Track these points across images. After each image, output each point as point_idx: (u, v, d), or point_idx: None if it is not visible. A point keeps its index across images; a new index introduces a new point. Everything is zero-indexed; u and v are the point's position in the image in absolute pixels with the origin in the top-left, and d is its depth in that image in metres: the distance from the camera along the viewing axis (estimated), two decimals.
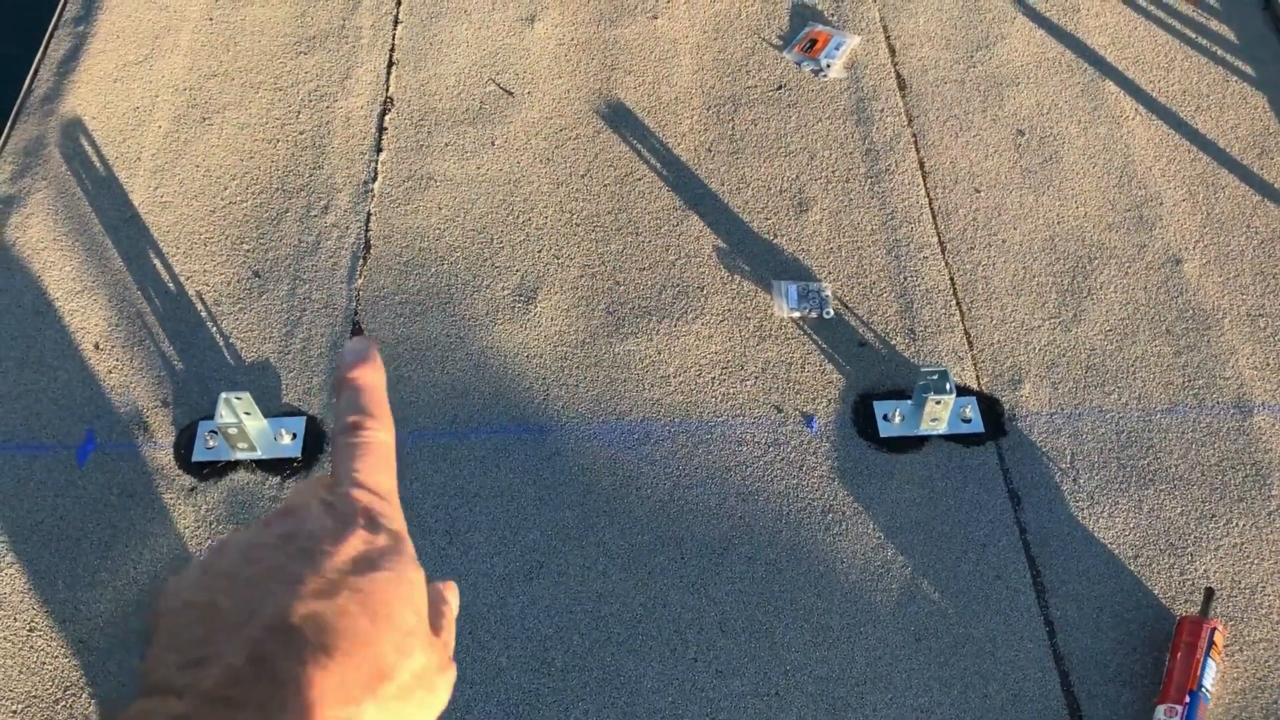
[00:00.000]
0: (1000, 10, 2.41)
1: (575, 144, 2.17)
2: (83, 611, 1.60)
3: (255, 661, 0.39)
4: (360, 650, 0.41)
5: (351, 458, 0.48)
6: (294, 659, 0.39)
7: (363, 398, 0.50)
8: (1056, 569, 1.64)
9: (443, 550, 1.65)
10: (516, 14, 2.41)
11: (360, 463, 0.48)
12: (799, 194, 2.09)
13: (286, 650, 0.39)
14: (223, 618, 0.41)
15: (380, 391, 0.51)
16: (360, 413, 0.49)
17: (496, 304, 1.94)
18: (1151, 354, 1.87)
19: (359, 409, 0.50)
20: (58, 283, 1.96)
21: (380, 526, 0.45)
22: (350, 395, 0.50)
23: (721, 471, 1.74)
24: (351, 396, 0.50)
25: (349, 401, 0.50)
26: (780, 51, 2.33)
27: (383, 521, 0.46)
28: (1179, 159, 2.14)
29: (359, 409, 0.50)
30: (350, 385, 0.50)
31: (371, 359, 0.51)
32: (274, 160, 2.15)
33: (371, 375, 0.51)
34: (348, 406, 0.50)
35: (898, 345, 1.88)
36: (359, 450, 0.48)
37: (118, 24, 2.41)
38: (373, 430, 0.49)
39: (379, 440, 0.49)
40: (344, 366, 0.51)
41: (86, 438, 1.77)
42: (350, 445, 0.48)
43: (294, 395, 1.82)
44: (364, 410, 0.50)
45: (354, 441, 0.49)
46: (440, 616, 0.48)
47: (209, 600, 0.42)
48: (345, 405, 0.50)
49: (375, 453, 0.49)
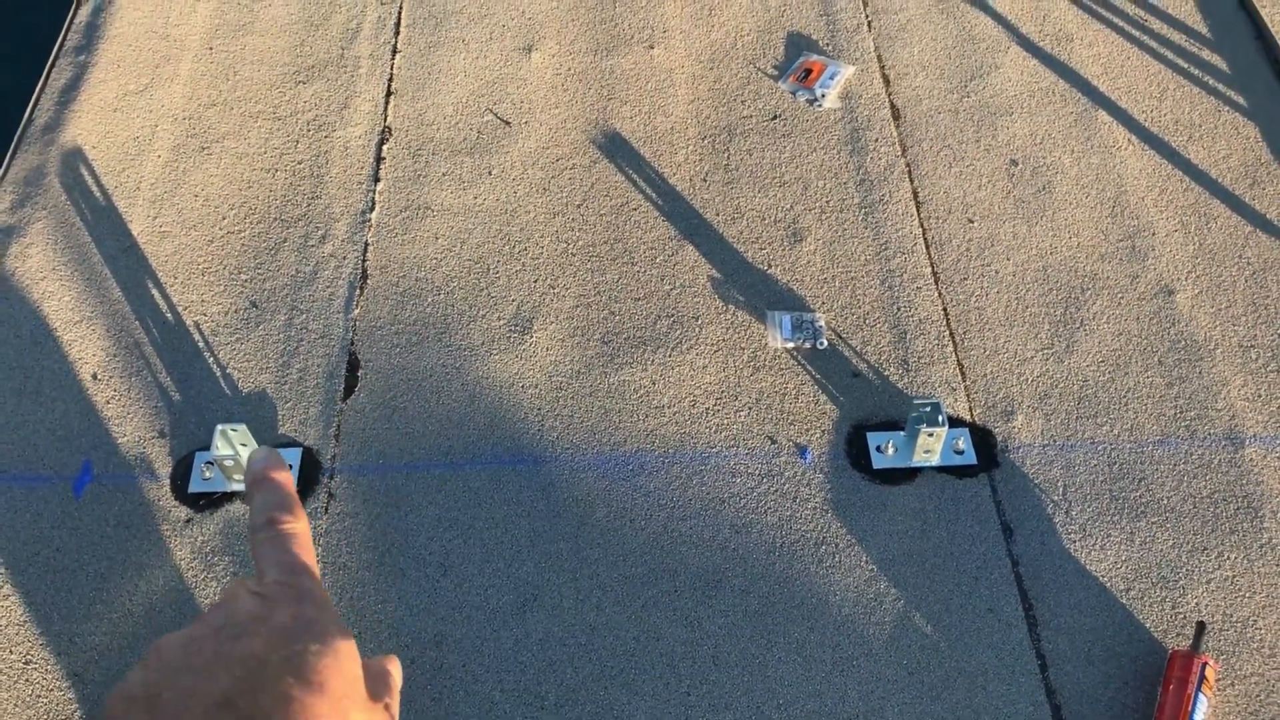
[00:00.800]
0: (994, 40, 2.43)
1: (571, 174, 2.19)
2: (78, 644, 1.61)
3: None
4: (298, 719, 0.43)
5: (273, 549, 0.53)
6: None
7: (275, 494, 0.56)
8: (1049, 602, 1.64)
9: (436, 583, 1.66)
10: (514, 44, 2.43)
11: (283, 553, 0.53)
12: (793, 224, 2.10)
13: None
14: (165, 708, 0.43)
15: (290, 488, 0.57)
16: (275, 509, 0.55)
17: (492, 334, 1.95)
18: (1144, 385, 1.88)
19: (273, 505, 0.55)
20: (56, 312, 1.98)
21: (305, 600, 0.49)
22: (264, 494, 0.56)
23: (715, 503, 1.75)
24: (266, 495, 0.56)
25: (263, 500, 0.56)
26: (775, 81, 2.35)
27: (307, 596, 0.50)
28: (1171, 189, 2.16)
29: (273, 505, 0.55)
30: (263, 484, 0.56)
31: (277, 462, 0.58)
32: (272, 190, 2.17)
33: (282, 475, 0.57)
34: (262, 504, 0.56)
35: (891, 376, 1.89)
36: (278, 541, 0.53)
37: (118, 53, 2.43)
38: (289, 523, 0.54)
39: (296, 530, 0.55)
40: (254, 470, 0.58)
41: (83, 469, 1.78)
42: (270, 539, 0.54)
43: (290, 426, 1.83)
44: (279, 506, 0.55)
45: (273, 534, 0.54)
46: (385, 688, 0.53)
47: (154, 694, 0.44)
48: (260, 503, 0.56)
49: (294, 540, 0.54)
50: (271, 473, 0.56)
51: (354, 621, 1.62)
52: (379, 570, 1.68)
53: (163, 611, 1.64)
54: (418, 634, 1.62)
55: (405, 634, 1.61)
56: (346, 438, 1.82)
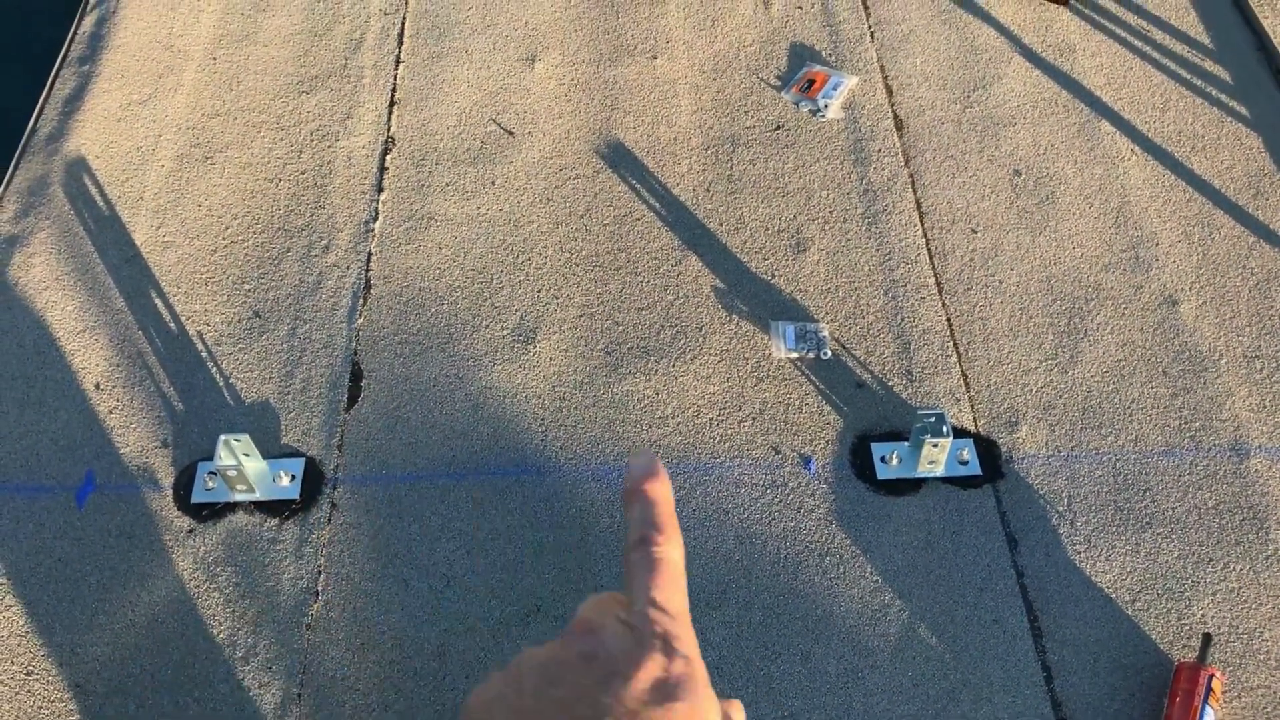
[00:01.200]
0: (997, 51, 2.43)
1: (575, 184, 2.19)
2: (80, 655, 1.61)
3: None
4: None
5: (645, 574, 0.49)
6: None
7: (653, 511, 0.51)
8: (1054, 613, 1.64)
9: (440, 594, 1.66)
10: (517, 55, 2.43)
11: (654, 580, 0.49)
12: (797, 234, 2.10)
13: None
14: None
15: (669, 505, 0.52)
16: (651, 527, 0.51)
17: (496, 344, 1.95)
18: (1148, 396, 1.87)
19: (650, 523, 0.51)
20: (59, 322, 1.98)
21: (675, 652, 0.46)
22: (641, 508, 0.52)
23: (719, 514, 1.74)
24: (642, 510, 0.52)
25: (640, 515, 0.51)
26: (778, 92, 2.35)
27: (677, 646, 0.47)
28: (1175, 199, 2.16)
29: (650, 523, 0.51)
30: (640, 497, 0.52)
31: (659, 473, 0.53)
32: (276, 199, 2.17)
33: (660, 489, 0.52)
34: (639, 520, 0.51)
35: (895, 386, 1.89)
36: (652, 567, 0.50)
37: (122, 63, 2.43)
38: (663, 546, 0.50)
39: (670, 557, 0.51)
40: (633, 479, 0.53)
41: (86, 479, 1.78)
42: (643, 561, 0.50)
43: (293, 436, 1.83)
44: (655, 525, 0.51)
45: (647, 557, 0.50)
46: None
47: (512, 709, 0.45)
48: (636, 519, 0.52)
49: (667, 570, 0.50)
50: (647, 485, 0.52)
51: (357, 633, 1.62)
52: (382, 581, 1.67)
53: (165, 623, 1.63)
54: (421, 645, 1.61)
55: (409, 645, 1.61)
56: (350, 448, 1.81)
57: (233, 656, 1.60)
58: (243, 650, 1.61)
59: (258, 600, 1.66)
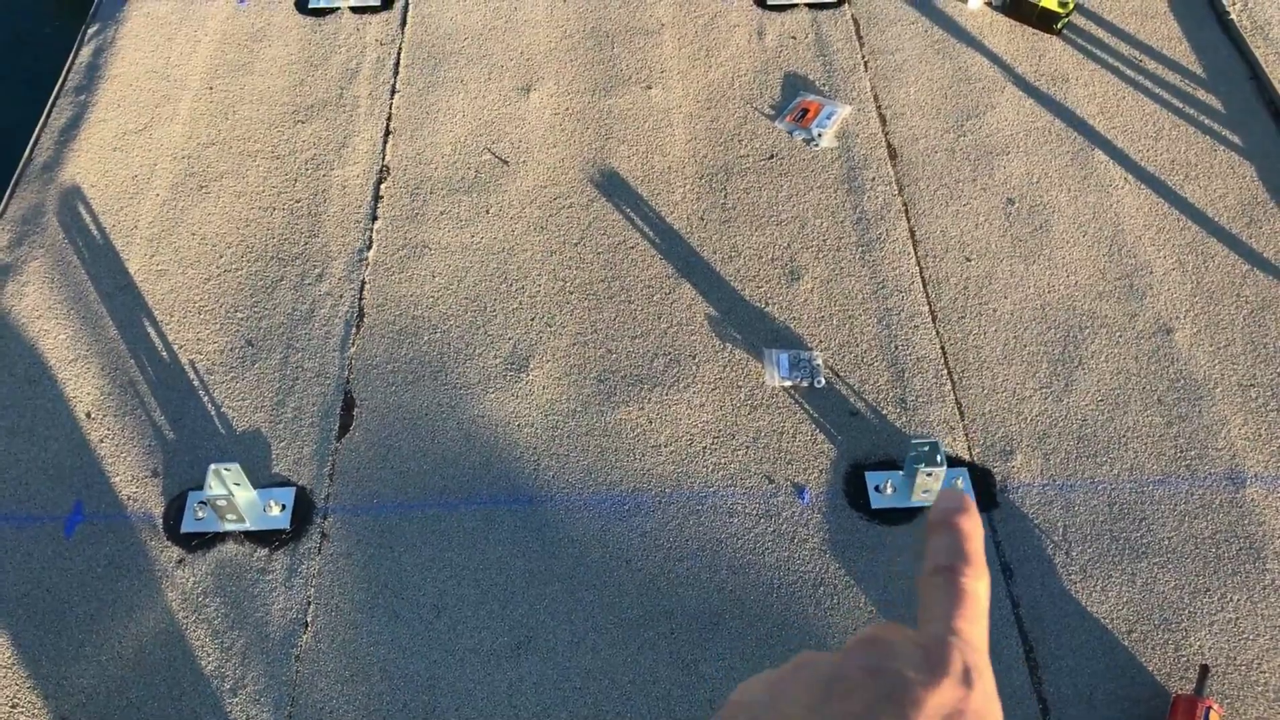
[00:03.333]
0: (989, 80, 2.44)
1: (569, 212, 2.19)
2: (66, 687, 1.59)
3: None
4: None
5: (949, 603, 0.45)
6: None
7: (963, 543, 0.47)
8: (1050, 644, 1.62)
9: (430, 625, 1.64)
10: (512, 84, 2.44)
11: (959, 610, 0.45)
12: (790, 262, 2.10)
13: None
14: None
15: (979, 542, 0.48)
16: (959, 558, 0.47)
17: (488, 372, 1.94)
18: (1143, 424, 1.87)
19: (958, 553, 0.47)
20: (52, 351, 1.97)
21: (974, 684, 0.42)
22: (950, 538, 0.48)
23: (712, 543, 1.73)
24: (951, 539, 0.48)
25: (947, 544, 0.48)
26: (772, 121, 2.36)
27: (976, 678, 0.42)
28: (1168, 228, 2.16)
29: (958, 553, 0.47)
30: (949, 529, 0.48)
31: (970, 509, 0.49)
32: (270, 228, 2.17)
33: (972, 524, 0.48)
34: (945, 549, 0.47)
35: (889, 415, 1.88)
36: (956, 597, 0.46)
37: (119, 92, 2.44)
38: (971, 579, 0.46)
39: (977, 591, 0.46)
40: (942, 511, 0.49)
41: (74, 509, 1.76)
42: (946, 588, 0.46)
43: (284, 465, 1.82)
44: (963, 556, 0.47)
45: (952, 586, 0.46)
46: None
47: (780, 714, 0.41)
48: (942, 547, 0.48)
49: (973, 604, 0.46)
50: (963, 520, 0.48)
51: (347, 664, 1.60)
52: (371, 612, 1.66)
53: (153, 654, 1.62)
54: (410, 677, 1.59)
55: (397, 676, 1.59)
56: (340, 477, 1.80)
57: (221, 688, 1.59)
58: (231, 682, 1.59)
59: (246, 631, 1.64)
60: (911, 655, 0.42)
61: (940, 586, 0.46)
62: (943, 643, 0.43)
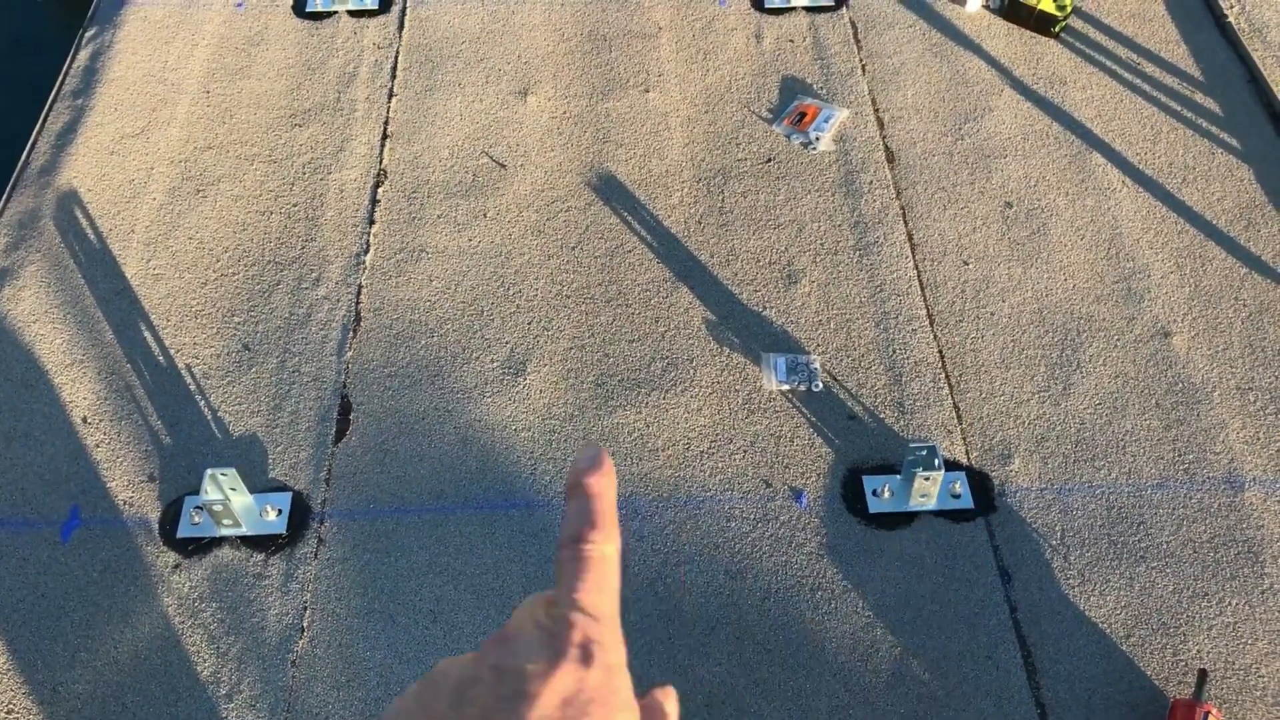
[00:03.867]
0: (987, 84, 2.44)
1: (567, 216, 2.19)
2: (61, 693, 1.58)
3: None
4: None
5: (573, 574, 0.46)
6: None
7: (591, 506, 0.48)
8: (1048, 648, 1.62)
9: (426, 630, 1.64)
10: (510, 88, 2.44)
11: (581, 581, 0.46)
12: (788, 266, 2.10)
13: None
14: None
15: (610, 501, 0.49)
16: (586, 523, 0.48)
17: (486, 376, 1.94)
18: (1141, 428, 1.86)
19: (586, 519, 0.48)
20: (48, 355, 1.97)
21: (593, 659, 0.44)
22: (578, 504, 0.48)
23: (710, 548, 1.73)
24: (579, 505, 0.48)
25: (576, 511, 0.48)
26: (770, 124, 2.36)
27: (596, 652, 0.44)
28: (1166, 231, 2.16)
29: (586, 519, 0.48)
30: (580, 492, 0.49)
31: (604, 466, 0.49)
32: (267, 232, 2.17)
33: (602, 483, 0.49)
34: (574, 516, 0.48)
35: (886, 418, 1.88)
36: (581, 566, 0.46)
37: (116, 97, 2.44)
38: (596, 544, 0.47)
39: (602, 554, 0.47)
40: (576, 472, 0.49)
41: (71, 514, 1.76)
42: (572, 560, 0.47)
43: (280, 470, 1.81)
44: (589, 521, 0.48)
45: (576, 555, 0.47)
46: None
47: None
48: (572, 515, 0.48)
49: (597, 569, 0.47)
50: (590, 478, 0.48)
51: (343, 669, 1.60)
52: (368, 617, 1.65)
53: (148, 659, 1.61)
54: (407, 682, 1.59)
55: (394, 682, 1.59)
56: (337, 481, 1.80)
57: (217, 694, 1.58)
58: (227, 687, 1.59)
59: (243, 636, 1.64)
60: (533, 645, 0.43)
61: (567, 559, 0.47)
62: (563, 621, 0.44)
